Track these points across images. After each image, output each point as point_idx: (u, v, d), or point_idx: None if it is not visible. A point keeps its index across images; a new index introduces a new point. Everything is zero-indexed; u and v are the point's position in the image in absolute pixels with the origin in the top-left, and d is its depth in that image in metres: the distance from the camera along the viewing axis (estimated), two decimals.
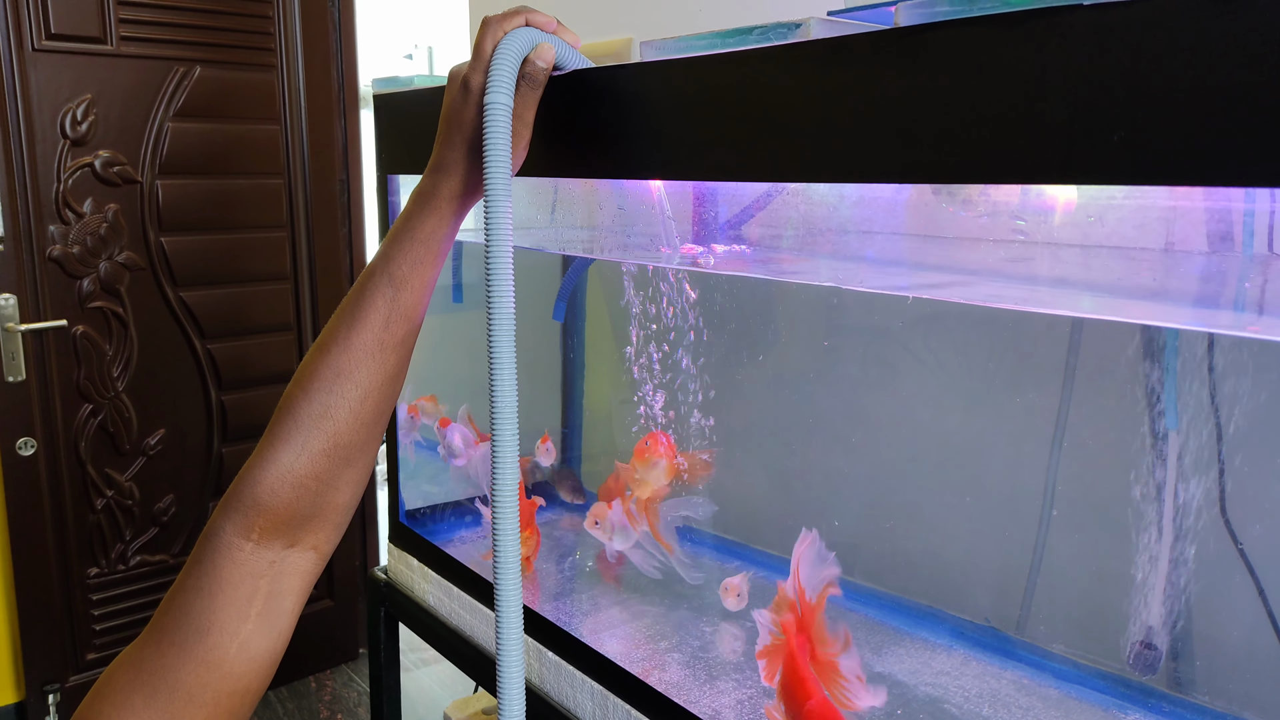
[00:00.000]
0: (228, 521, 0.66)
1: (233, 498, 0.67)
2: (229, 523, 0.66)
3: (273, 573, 0.67)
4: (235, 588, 0.65)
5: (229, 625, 0.64)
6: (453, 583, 1.18)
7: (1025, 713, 0.87)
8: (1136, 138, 0.48)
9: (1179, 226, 0.66)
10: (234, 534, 0.66)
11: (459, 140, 0.73)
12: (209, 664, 0.63)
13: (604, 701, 0.94)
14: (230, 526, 0.66)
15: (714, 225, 0.99)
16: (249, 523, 0.66)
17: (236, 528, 0.66)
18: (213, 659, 0.63)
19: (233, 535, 0.66)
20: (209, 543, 0.66)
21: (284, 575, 0.68)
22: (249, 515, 0.66)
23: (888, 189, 0.78)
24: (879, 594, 1.06)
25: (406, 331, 0.72)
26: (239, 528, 0.66)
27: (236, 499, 0.67)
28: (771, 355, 1.15)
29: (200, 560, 0.66)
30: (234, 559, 0.65)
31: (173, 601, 0.65)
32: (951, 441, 1.01)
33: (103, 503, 2.39)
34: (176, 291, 2.43)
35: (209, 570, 0.65)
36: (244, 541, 0.66)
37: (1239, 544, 0.81)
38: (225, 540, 0.66)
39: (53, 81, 2.17)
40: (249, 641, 0.65)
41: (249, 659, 0.65)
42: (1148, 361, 0.83)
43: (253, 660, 0.65)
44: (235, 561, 0.65)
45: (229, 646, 0.64)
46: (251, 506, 0.66)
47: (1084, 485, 0.91)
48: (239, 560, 0.66)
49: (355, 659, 2.93)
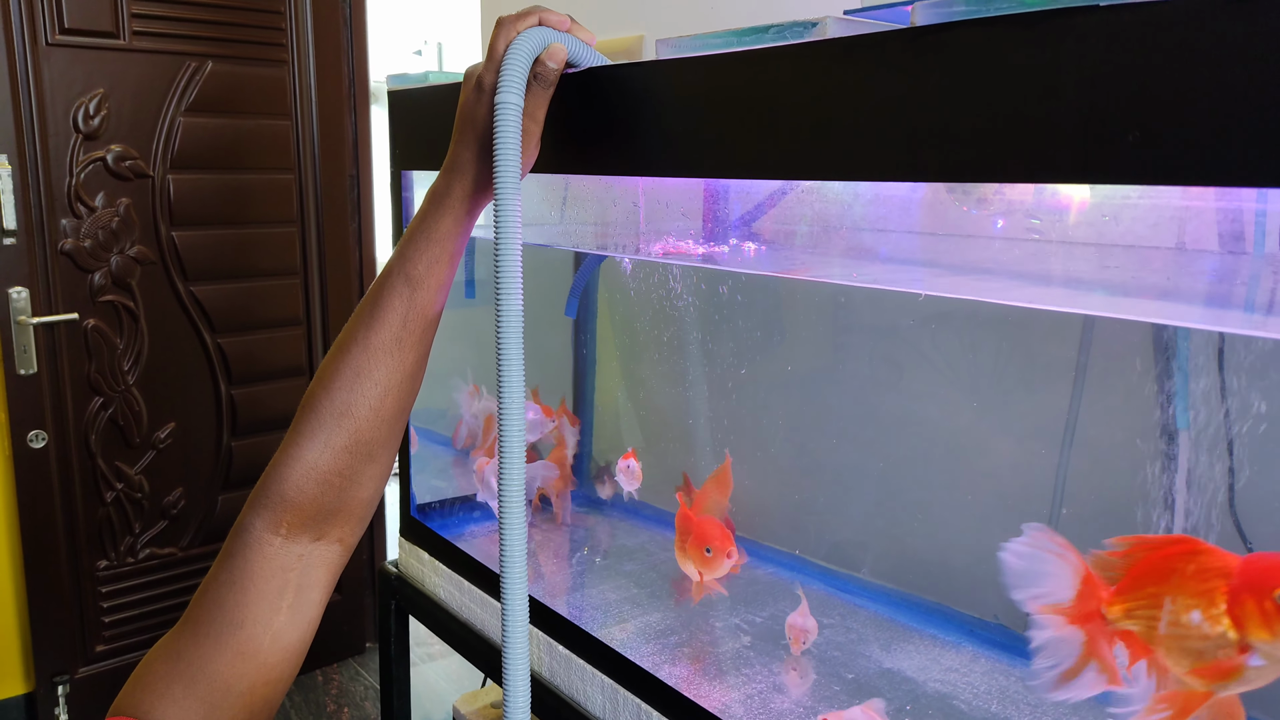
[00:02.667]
0: (257, 518, 0.68)
1: (260, 494, 0.69)
2: (258, 519, 0.68)
3: (301, 566, 0.69)
4: (266, 581, 0.67)
5: (262, 617, 0.66)
6: (463, 576, 1.19)
7: (1034, 710, 0.88)
8: (1150, 138, 0.48)
9: (1192, 226, 0.66)
10: (263, 529, 0.68)
11: (472, 139, 0.74)
12: (244, 655, 0.65)
13: (614, 695, 0.95)
14: (259, 522, 0.68)
15: (725, 222, 1.00)
16: (277, 518, 0.68)
17: (265, 523, 0.68)
18: (248, 650, 0.65)
19: (262, 530, 0.68)
20: (239, 538, 0.68)
21: (312, 568, 0.69)
22: (277, 511, 0.68)
23: (902, 188, 0.78)
24: (888, 591, 1.07)
25: (424, 330, 0.73)
26: (268, 523, 0.68)
27: (264, 495, 0.68)
28: (780, 353, 1.16)
29: (231, 555, 0.68)
30: (264, 554, 0.67)
31: (206, 595, 0.67)
32: (962, 439, 1.01)
33: (112, 495, 2.40)
34: (187, 286, 2.44)
35: (240, 565, 0.67)
36: (273, 536, 0.68)
37: (1248, 543, 0.82)
38: (255, 535, 0.68)
39: (65, 76, 2.18)
40: (281, 632, 0.67)
41: (281, 649, 0.67)
42: (1158, 360, 0.83)
43: (285, 650, 0.67)
44: (265, 556, 0.67)
45: (262, 638, 0.66)
46: (279, 502, 0.68)
47: (1094, 483, 0.91)
48: (269, 555, 0.67)
49: (362, 653, 2.95)
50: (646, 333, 1.35)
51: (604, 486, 1.40)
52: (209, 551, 2.59)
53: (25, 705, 2.46)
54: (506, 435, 0.71)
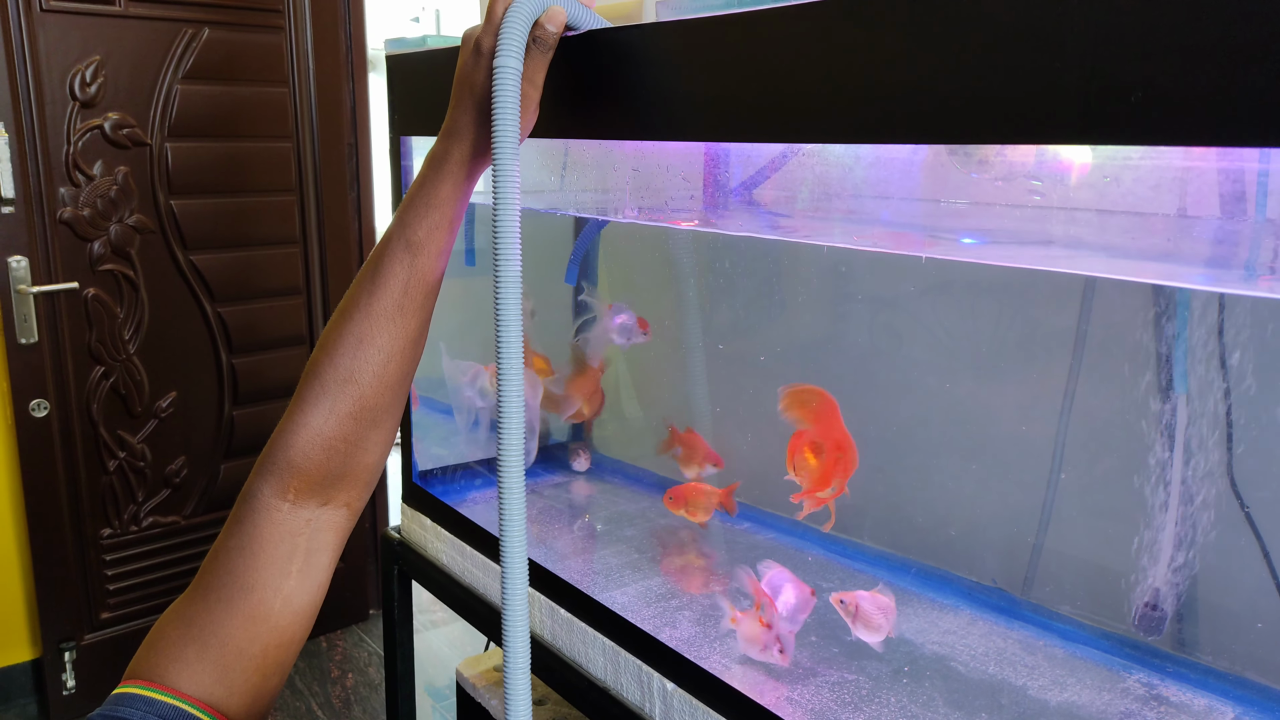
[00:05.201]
0: (264, 484, 0.69)
1: (267, 461, 0.69)
2: (265, 485, 0.69)
3: (309, 530, 0.69)
4: (275, 546, 0.68)
5: (272, 582, 0.67)
6: (465, 541, 1.20)
7: (1031, 670, 0.89)
8: (1154, 97, 0.48)
9: (1194, 188, 0.66)
10: (271, 495, 0.68)
11: (470, 104, 0.73)
12: (255, 618, 0.66)
13: (615, 657, 0.96)
14: (267, 489, 0.68)
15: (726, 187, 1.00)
16: (284, 484, 0.68)
17: (273, 489, 0.68)
18: (259, 614, 0.66)
19: (270, 496, 0.68)
20: (247, 504, 0.69)
21: (320, 532, 0.70)
22: (284, 477, 0.68)
23: (903, 150, 0.78)
24: (887, 555, 1.08)
25: (425, 295, 0.73)
26: (275, 489, 0.68)
27: (271, 462, 0.69)
28: (778, 317, 1.16)
29: (240, 521, 0.68)
30: (272, 519, 0.68)
31: (216, 560, 0.68)
32: (960, 404, 1.01)
33: (115, 464, 2.41)
34: (187, 255, 2.43)
35: (249, 530, 0.68)
36: (281, 502, 0.68)
37: (1245, 507, 0.82)
38: (263, 501, 0.68)
39: (61, 43, 2.16)
40: (291, 596, 0.68)
41: (292, 612, 0.68)
42: (1158, 325, 0.83)
43: (296, 613, 0.68)
44: (274, 521, 0.68)
45: (273, 602, 0.67)
46: (286, 468, 0.68)
47: (1092, 448, 0.92)
48: (277, 520, 0.68)
49: (365, 620, 2.97)
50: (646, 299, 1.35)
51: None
52: (212, 520, 2.60)
53: (33, 671, 2.48)
54: (505, 399, 0.71)
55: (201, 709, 0.63)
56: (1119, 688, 0.86)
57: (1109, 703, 0.84)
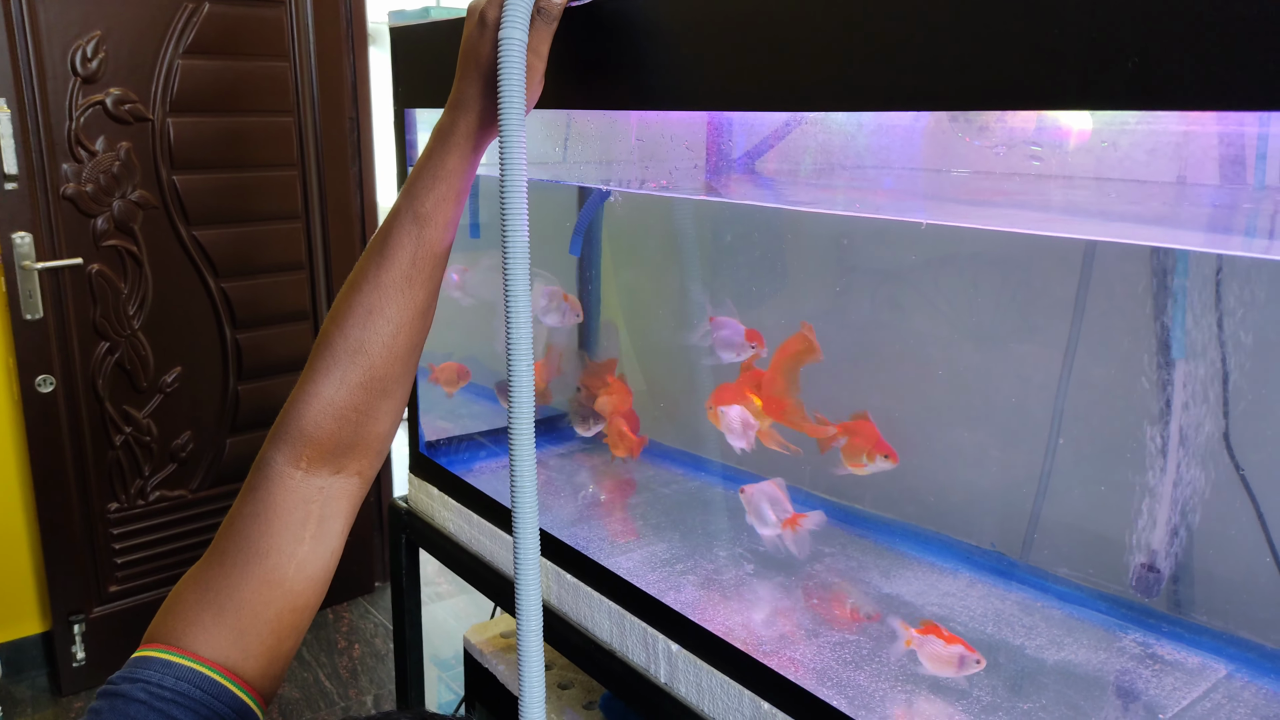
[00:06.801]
0: (277, 453, 0.70)
1: (280, 430, 0.71)
2: (279, 454, 0.70)
3: (322, 498, 0.71)
4: (289, 513, 0.69)
5: (286, 547, 0.69)
6: (472, 510, 1.22)
7: (1028, 631, 0.90)
8: (1151, 63, 0.49)
9: (1192, 153, 0.67)
10: (284, 464, 0.70)
11: (476, 75, 0.74)
12: (270, 583, 0.68)
13: (621, 621, 0.98)
14: (280, 457, 0.70)
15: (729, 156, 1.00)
16: (297, 453, 0.70)
17: (286, 458, 0.70)
18: (273, 579, 0.68)
19: (283, 465, 0.70)
20: (261, 472, 0.70)
21: (333, 499, 0.72)
22: (296, 446, 0.70)
23: (905, 118, 0.79)
24: (888, 520, 1.09)
25: (434, 266, 0.74)
26: (288, 458, 0.70)
27: (284, 431, 0.71)
28: (782, 282, 1.17)
29: (254, 489, 0.70)
30: (286, 486, 0.70)
31: (231, 527, 0.69)
32: (960, 370, 1.02)
33: (121, 439, 2.43)
34: (189, 230, 2.44)
35: (264, 498, 0.69)
36: (294, 470, 0.70)
37: (1240, 469, 0.84)
38: (277, 470, 0.70)
39: (62, 17, 2.16)
40: (306, 561, 0.70)
41: (306, 577, 0.70)
42: (1155, 289, 0.84)
43: (310, 579, 0.70)
44: (287, 489, 0.70)
45: (287, 567, 0.69)
46: (298, 437, 0.70)
47: (1091, 412, 0.93)
48: (290, 488, 0.70)
49: (371, 592, 3.00)
50: (650, 270, 1.36)
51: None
52: (219, 494, 2.62)
53: (43, 643, 2.51)
54: (515, 371, 0.72)
55: (218, 671, 0.65)
56: (1115, 647, 0.88)
57: (1105, 661, 0.86)
